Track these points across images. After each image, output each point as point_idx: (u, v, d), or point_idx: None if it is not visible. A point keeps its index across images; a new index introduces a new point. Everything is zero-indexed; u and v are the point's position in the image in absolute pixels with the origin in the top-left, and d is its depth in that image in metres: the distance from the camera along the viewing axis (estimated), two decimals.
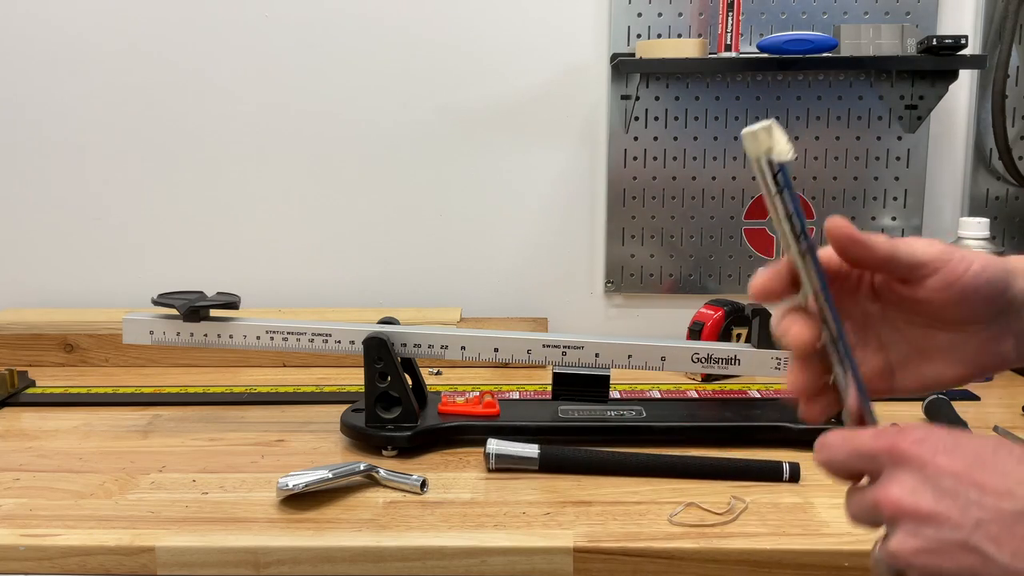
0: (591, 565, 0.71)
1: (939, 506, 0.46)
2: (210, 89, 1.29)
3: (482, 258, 1.32)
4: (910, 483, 0.47)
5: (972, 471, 0.46)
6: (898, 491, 0.47)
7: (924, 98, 1.24)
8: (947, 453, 0.47)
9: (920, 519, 0.46)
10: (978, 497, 0.45)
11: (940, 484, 0.46)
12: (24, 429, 0.99)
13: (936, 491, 0.46)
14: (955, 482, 0.46)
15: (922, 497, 0.46)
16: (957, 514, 0.45)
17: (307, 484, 0.78)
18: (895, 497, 0.47)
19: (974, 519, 0.45)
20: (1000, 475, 0.45)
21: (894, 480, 0.47)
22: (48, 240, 1.33)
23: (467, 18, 1.26)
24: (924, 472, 0.47)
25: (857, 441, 0.50)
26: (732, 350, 0.91)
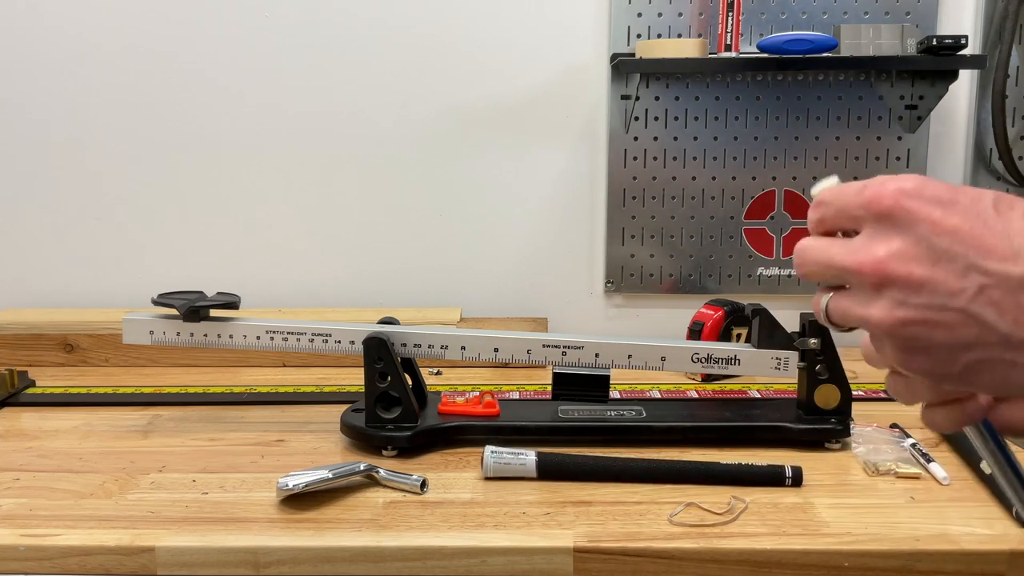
0: (591, 565, 0.71)
1: (935, 271, 0.40)
2: (210, 89, 1.29)
3: (482, 258, 1.32)
4: (899, 243, 0.41)
5: (973, 228, 0.40)
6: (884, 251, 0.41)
7: (924, 98, 1.24)
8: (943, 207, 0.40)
9: (911, 286, 0.40)
10: (980, 259, 0.40)
11: (935, 245, 0.40)
12: (24, 429, 0.99)
13: (931, 253, 0.40)
14: (953, 242, 0.40)
15: (915, 261, 0.40)
16: (955, 280, 0.40)
17: (307, 484, 0.78)
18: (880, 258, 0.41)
19: (976, 285, 0.40)
20: (1004, 236, 0.40)
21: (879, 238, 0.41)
22: (48, 240, 1.33)
23: (467, 18, 1.26)
24: (916, 230, 0.41)
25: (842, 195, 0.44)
26: (732, 350, 0.91)
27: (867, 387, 1.10)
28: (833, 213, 0.44)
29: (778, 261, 1.30)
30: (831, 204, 0.44)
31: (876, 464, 0.85)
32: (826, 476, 0.84)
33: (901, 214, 0.41)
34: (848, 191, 0.43)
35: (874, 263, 0.41)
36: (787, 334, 0.91)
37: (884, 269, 0.41)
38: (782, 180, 1.28)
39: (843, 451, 0.90)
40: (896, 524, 0.74)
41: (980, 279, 0.39)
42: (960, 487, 0.81)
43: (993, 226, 0.40)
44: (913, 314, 0.41)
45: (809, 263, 0.45)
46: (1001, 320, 0.40)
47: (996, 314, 0.40)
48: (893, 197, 0.41)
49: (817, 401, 0.90)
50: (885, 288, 0.41)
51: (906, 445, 0.89)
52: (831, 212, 0.44)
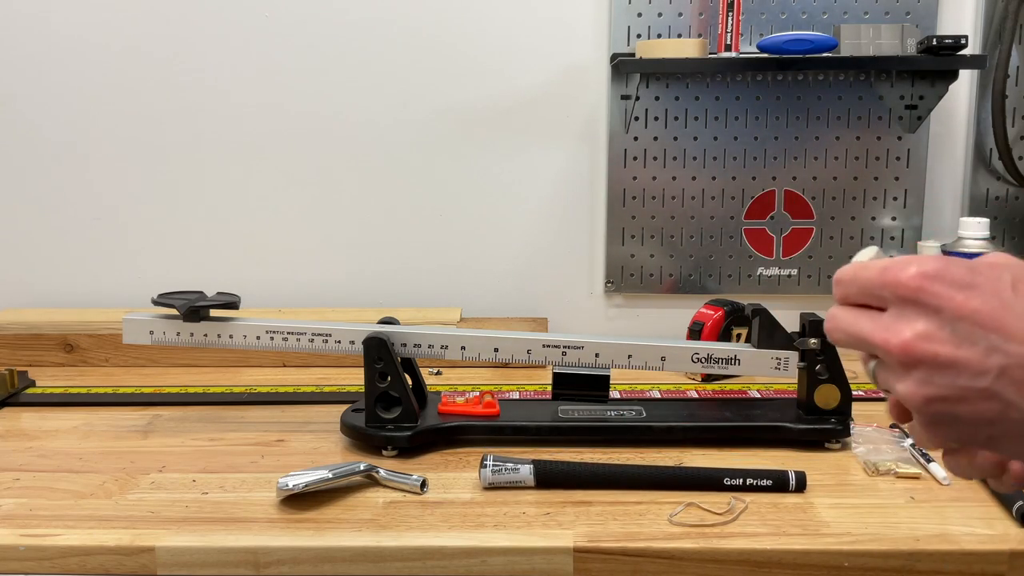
0: (591, 565, 0.71)
1: (959, 352, 0.42)
2: (210, 89, 1.29)
3: (482, 258, 1.32)
4: (923, 325, 0.43)
5: (993, 311, 0.42)
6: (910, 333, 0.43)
7: (924, 98, 1.24)
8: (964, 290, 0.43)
9: (937, 366, 0.43)
10: (1002, 342, 0.42)
11: (958, 328, 0.42)
12: (24, 429, 0.99)
13: (955, 336, 0.42)
14: (975, 325, 0.42)
15: (939, 342, 0.43)
16: (979, 361, 0.42)
17: (307, 484, 0.78)
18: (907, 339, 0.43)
19: (998, 365, 0.42)
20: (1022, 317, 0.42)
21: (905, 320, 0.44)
22: (48, 240, 1.34)
23: (467, 18, 1.26)
24: (940, 314, 0.43)
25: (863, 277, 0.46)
26: (732, 350, 0.91)
27: (867, 387, 1.10)
28: (856, 292, 0.47)
29: (778, 261, 1.30)
30: (853, 283, 0.47)
31: (876, 464, 0.85)
32: (826, 476, 0.84)
33: (925, 297, 0.43)
34: (870, 271, 0.46)
35: (901, 344, 0.43)
36: (787, 334, 0.91)
37: (911, 350, 0.43)
38: (782, 180, 1.28)
39: (843, 451, 0.90)
40: (896, 524, 0.74)
41: (1002, 360, 0.42)
42: (960, 487, 0.81)
43: (1012, 307, 0.42)
44: (939, 392, 0.43)
45: (838, 333, 0.47)
46: (1022, 398, 0.42)
47: (1017, 392, 0.42)
48: (916, 281, 0.43)
49: (817, 401, 0.90)
50: (912, 368, 0.44)
51: (906, 445, 0.89)
52: (853, 291, 0.47)
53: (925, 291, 0.43)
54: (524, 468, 0.82)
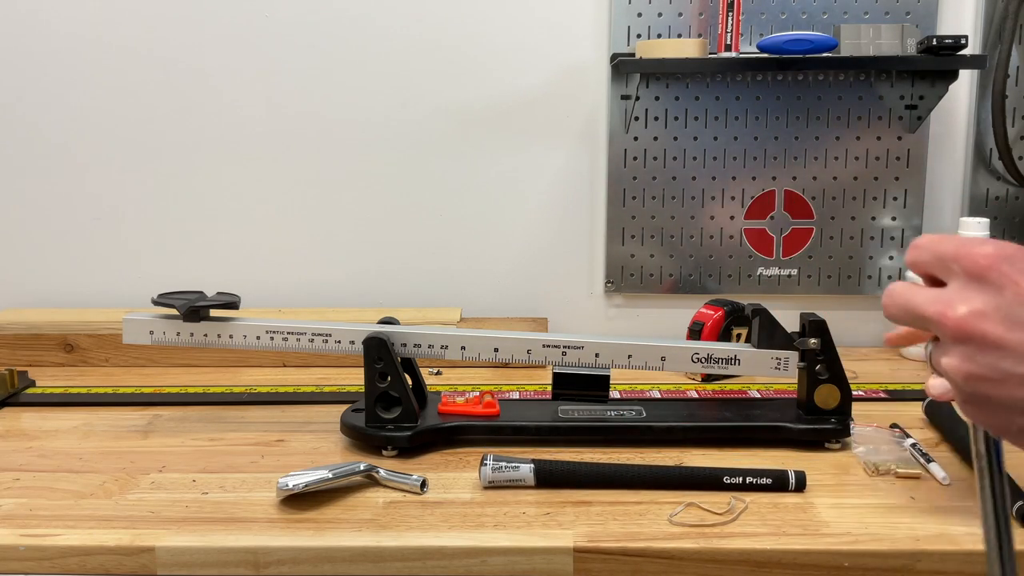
0: (591, 565, 0.71)
1: (1009, 335, 0.42)
2: (210, 88, 1.29)
3: (482, 258, 1.32)
4: (982, 303, 0.43)
5: None
6: (966, 309, 0.43)
7: (924, 98, 1.24)
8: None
9: (985, 345, 0.43)
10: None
11: (1015, 312, 0.42)
12: (24, 429, 0.99)
13: (1010, 318, 0.43)
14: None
15: (991, 322, 0.43)
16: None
17: (307, 484, 0.78)
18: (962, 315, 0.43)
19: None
20: None
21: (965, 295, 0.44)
22: (48, 240, 1.34)
23: (467, 18, 1.26)
24: (1003, 294, 0.43)
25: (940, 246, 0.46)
26: (732, 350, 0.91)
27: (867, 387, 1.10)
28: (928, 258, 0.47)
29: (778, 261, 1.30)
30: (928, 249, 0.47)
31: (876, 464, 0.85)
32: (826, 476, 0.84)
33: (994, 275, 0.43)
34: (947, 242, 0.46)
35: (956, 319, 0.44)
36: (787, 334, 0.91)
37: (964, 326, 0.43)
38: (782, 180, 1.28)
39: (843, 451, 0.90)
40: (896, 524, 0.74)
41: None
42: (960, 487, 0.81)
43: None
44: (980, 370, 0.43)
45: (894, 305, 0.47)
46: None
47: None
48: (992, 258, 0.43)
49: (817, 401, 0.90)
50: (961, 343, 0.44)
51: (906, 445, 0.89)
52: (926, 256, 0.47)
53: (994, 269, 0.43)
54: (524, 467, 0.82)
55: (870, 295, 1.30)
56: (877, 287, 1.30)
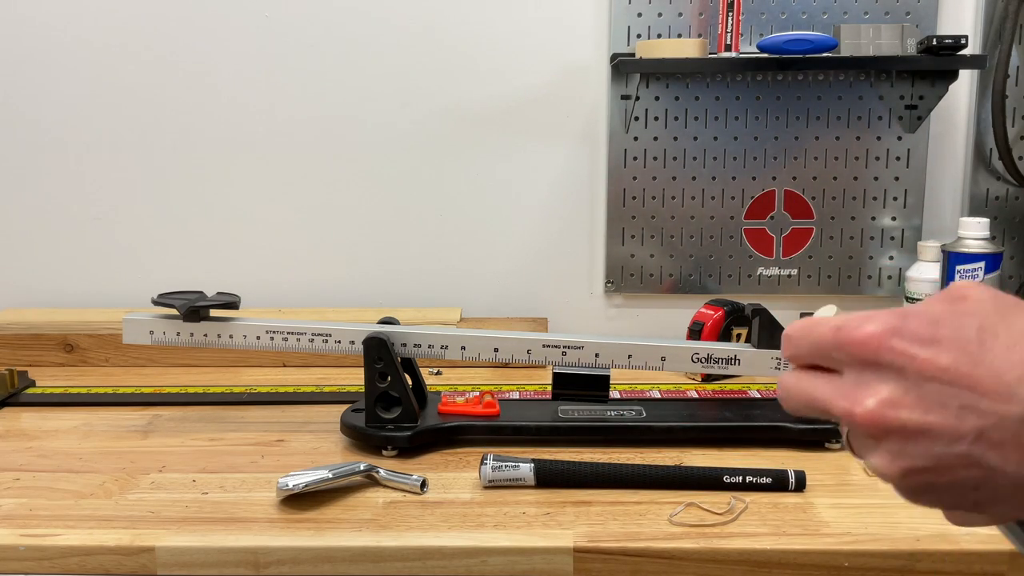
0: (591, 565, 0.71)
1: (929, 418, 0.38)
2: (209, 88, 1.29)
3: (482, 258, 1.32)
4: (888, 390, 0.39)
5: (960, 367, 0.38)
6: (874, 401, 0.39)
7: (924, 98, 1.24)
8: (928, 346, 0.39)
9: (908, 435, 0.39)
10: (974, 402, 0.38)
11: (926, 390, 0.38)
12: (24, 429, 0.99)
13: (923, 399, 0.38)
14: (943, 385, 0.38)
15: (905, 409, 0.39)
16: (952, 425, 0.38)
17: (307, 484, 0.78)
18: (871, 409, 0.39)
19: (974, 428, 0.38)
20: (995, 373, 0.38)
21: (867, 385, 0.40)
22: (48, 240, 1.33)
23: (467, 18, 1.26)
24: (905, 375, 0.39)
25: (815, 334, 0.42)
26: (732, 350, 0.91)
27: None
28: (807, 351, 0.42)
29: (778, 261, 1.30)
30: (804, 341, 0.43)
31: None
32: (826, 476, 0.84)
33: (885, 357, 0.39)
34: (821, 330, 0.42)
35: (866, 414, 0.39)
36: None
37: (877, 419, 0.39)
38: (782, 180, 1.28)
39: (843, 451, 0.90)
40: (896, 524, 0.74)
41: (977, 421, 0.38)
42: None
43: (982, 360, 0.38)
44: (915, 463, 0.39)
45: (794, 401, 0.43)
46: (1006, 462, 0.38)
47: (1000, 457, 0.38)
48: (875, 340, 0.39)
49: None
50: (882, 439, 0.40)
51: None
52: (804, 350, 0.43)
53: (884, 350, 0.39)
54: (524, 466, 0.82)
55: (870, 295, 1.30)
56: (877, 287, 1.30)
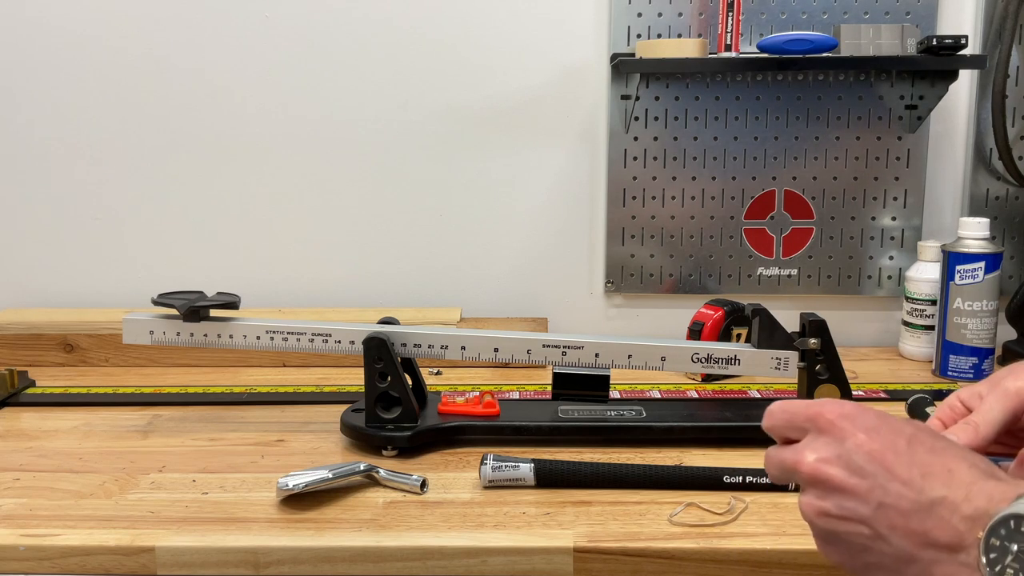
0: (591, 565, 0.71)
1: (850, 480, 0.50)
2: (209, 89, 1.29)
3: (482, 258, 1.32)
4: (826, 451, 0.51)
5: (885, 454, 0.49)
6: (813, 457, 0.51)
7: (924, 98, 1.24)
8: (868, 432, 0.50)
9: (830, 487, 0.50)
10: (885, 481, 0.49)
11: (854, 460, 0.50)
12: (24, 429, 0.99)
13: (850, 466, 0.50)
14: (868, 461, 0.49)
15: (835, 467, 0.50)
16: (864, 492, 0.49)
17: (307, 484, 0.78)
18: (811, 461, 0.51)
19: (877, 501, 0.49)
20: (909, 465, 0.49)
21: (815, 445, 0.52)
22: (48, 240, 1.33)
23: (467, 18, 1.26)
24: (843, 445, 0.51)
25: (791, 409, 0.55)
26: (732, 350, 0.91)
27: (867, 387, 1.10)
28: (782, 423, 0.55)
29: (778, 261, 1.30)
30: (782, 415, 0.55)
31: None
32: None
33: (836, 430, 0.51)
34: (797, 406, 0.54)
35: (807, 465, 0.51)
36: (787, 334, 0.91)
37: (813, 471, 0.51)
38: (782, 180, 1.28)
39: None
40: None
41: (882, 496, 0.48)
42: None
43: (902, 454, 0.49)
44: (828, 508, 0.50)
45: (771, 467, 0.55)
46: (893, 534, 0.48)
47: (890, 529, 0.48)
48: (834, 415, 0.52)
49: None
50: (812, 486, 0.51)
51: None
52: (780, 422, 0.55)
53: (837, 425, 0.51)
54: (524, 466, 0.82)
55: (870, 295, 1.30)
56: (877, 287, 1.30)
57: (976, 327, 1.12)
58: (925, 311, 1.20)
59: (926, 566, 0.48)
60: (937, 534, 0.47)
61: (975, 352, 1.13)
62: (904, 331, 1.23)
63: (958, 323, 1.13)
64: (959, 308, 1.12)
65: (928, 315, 1.19)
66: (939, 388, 1.10)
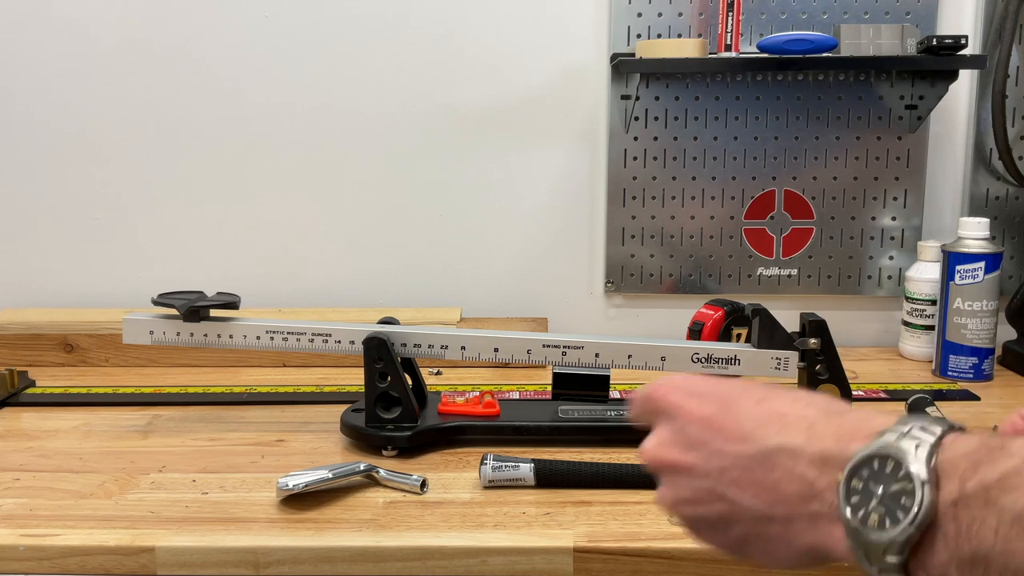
0: (591, 565, 0.71)
1: (687, 456, 0.46)
2: (210, 89, 1.29)
3: (482, 258, 1.32)
4: (664, 434, 0.48)
5: (716, 417, 0.46)
6: (653, 443, 0.48)
7: (924, 98, 1.24)
8: (697, 398, 0.47)
9: (674, 470, 0.47)
10: (720, 445, 0.45)
11: (688, 433, 0.46)
12: (24, 429, 0.99)
13: (686, 442, 0.46)
14: (701, 430, 0.46)
15: (672, 448, 0.47)
16: (703, 463, 0.45)
17: (307, 484, 0.78)
18: (650, 449, 0.48)
19: (717, 467, 0.45)
20: (738, 420, 0.45)
21: (655, 431, 0.49)
22: (48, 240, 1.33)
23: (467, 18, 1.26)
24: (676, 422, 0.47)
25: (636, 396, 0.52)
26: (732, 350, 0.91)
27: (867, 387, 1.10)
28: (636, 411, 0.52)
29: (778, 261, 1.30)
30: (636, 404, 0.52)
31: None
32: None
33: (666, 407, 0.48)
34: (639, 392, 0.51)
35: (647, 455, 0.48)
36: (787, 334, 0.91)
37: (652, 458, 0.48)
38: (782, 180, 1.28)
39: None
40: None
41: (720, 461, 0.45)
42: None
43: (731, 412, 0.45)
44: (681, 494, 0.47)
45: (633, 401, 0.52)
46: (743, 496, 0.44)
47: (738, 491, 0.44)
48: (660, 392, 0.48)
49: None
50: (659, 473, 0.48)
51: None
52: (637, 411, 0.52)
53: (665, 400, 0.48)
54: (524, 466, 0.82)
55: (870, 295, 1.30)
56: (877, 287, 1.30)
57: (976, 327, 1.12)
58: (925, 311, 1.20)
59: (785, 524, 0.43)
60: (785, 486, 0.42)
61: (975, 352, 1.13)
62: (904, 331, 1.23)
63: (958, 323, 1.13)
64: (959, 308, 1.12)
65: (928, 315, 1.19)
66: (939, 388, 1.10)
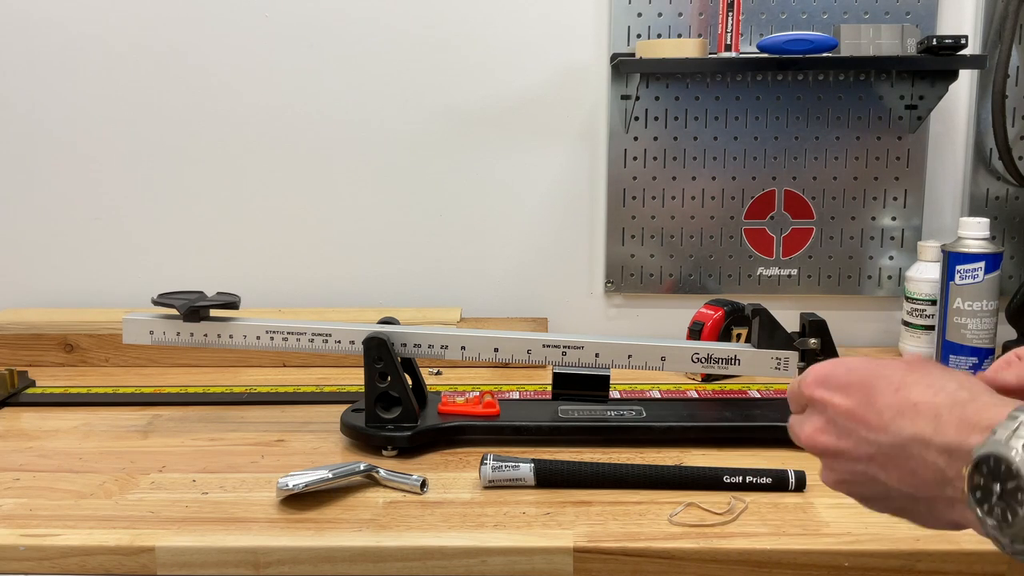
0: (591, 565, 0.71)
1: (841, 443, 0.52)
2: (210, 89, 1.29)
3: (482, 258, 1.32)
4: (818, 423, 0.54)
5: (859, 409, 0.51)
6: (809, 430, 0.54)
7: (924, 98, 1.24)
8: (841, 392, 0.53)
9: (830, 454, 0.53)
10: (866, 434, 0.50)
11: (838, 423, 0.52)
12: (24, 429, 0.99)
13: (837, 430, 0.52)
14: (848, 420, 0.52)
15: (828, 436, 0.53)
16: (854, 449, 0.51)
17: (307, 484, 0.78)
18: (807, 435, 0.54)
19: (866, 454, 0.51)
20: (878, 410, 0.50)
21: (808, 420, 0.55)
22: (48, 240, 1.33)
23: (467, 18, 1.26)
24: (827, 413, 0.53)
25: (790, 387, 0.59)
26: (732, 350, 0.91)
27: None
28: (792, 403, 0.58)
29: (778, 261, 1.30)
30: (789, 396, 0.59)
31: None
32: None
33: (815, 400, 0.54)
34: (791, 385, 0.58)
35: (805, 438, 0.55)
36: (787, 334, 0.91)
37: (810, 442, 0.54)
38: (782, 180, 1.28)
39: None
40: (896, 524, 0.74)
41: (867, 448, 0.50)
42: None
43: (871, 403, 0.51)
44: (840, 476, 0.53)
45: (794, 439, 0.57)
46: (890, 479, 0.50)
47: (886, 475, 0.50)
48: (810, 387, 0.55)
49: None
50: (819, 457, 0.55)
51: None
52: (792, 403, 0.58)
53: (814, 395, 0.54)
54: (524, 466, 0.82)
55: (870, 295, 1.30)
56: (877, 287, 1.30)
57: (976, 327, 1.12)
58: (925, 311, 1.20)
59: (929, 504, 0.49)
60: (922, 473, 0.48)
61: (975, 352, 1.13)
62: (904, 331, 1.23)
63: (958, 323, 1.13)
64: (959, 308, 1.12)
65: (928, 315, 1.19)
66: None
